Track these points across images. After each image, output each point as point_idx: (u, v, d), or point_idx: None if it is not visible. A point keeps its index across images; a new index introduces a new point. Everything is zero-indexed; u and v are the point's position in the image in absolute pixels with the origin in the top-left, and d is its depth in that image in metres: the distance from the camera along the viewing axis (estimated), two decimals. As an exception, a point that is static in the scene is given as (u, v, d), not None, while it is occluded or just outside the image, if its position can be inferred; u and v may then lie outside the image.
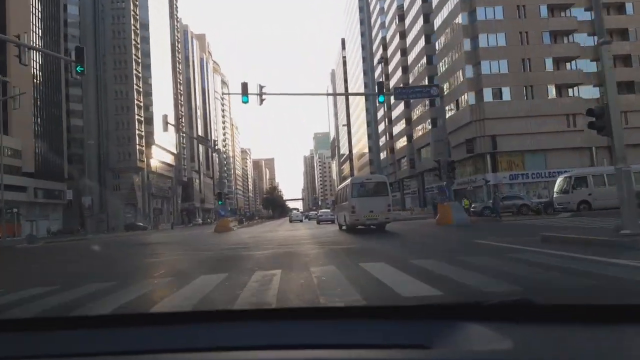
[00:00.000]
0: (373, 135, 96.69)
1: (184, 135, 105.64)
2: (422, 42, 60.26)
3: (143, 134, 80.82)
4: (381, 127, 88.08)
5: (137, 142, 78.48)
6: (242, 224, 41.14)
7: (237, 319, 1.28)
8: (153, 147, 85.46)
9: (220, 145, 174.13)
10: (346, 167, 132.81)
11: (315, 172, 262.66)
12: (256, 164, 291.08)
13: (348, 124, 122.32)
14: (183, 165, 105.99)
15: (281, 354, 1.07)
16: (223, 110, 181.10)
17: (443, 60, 52.65)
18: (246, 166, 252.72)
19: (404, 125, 70.65)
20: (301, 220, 51.91)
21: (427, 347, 1.03)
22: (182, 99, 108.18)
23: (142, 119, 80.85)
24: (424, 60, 59.26)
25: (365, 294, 4.81)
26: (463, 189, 50.15)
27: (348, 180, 20.73)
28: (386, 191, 18.62)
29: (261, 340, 1.12)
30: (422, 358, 1.02)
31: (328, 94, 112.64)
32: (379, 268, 6.82)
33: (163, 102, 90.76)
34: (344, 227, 20.51)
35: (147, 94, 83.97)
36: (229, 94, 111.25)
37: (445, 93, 52.47)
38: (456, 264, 6.95)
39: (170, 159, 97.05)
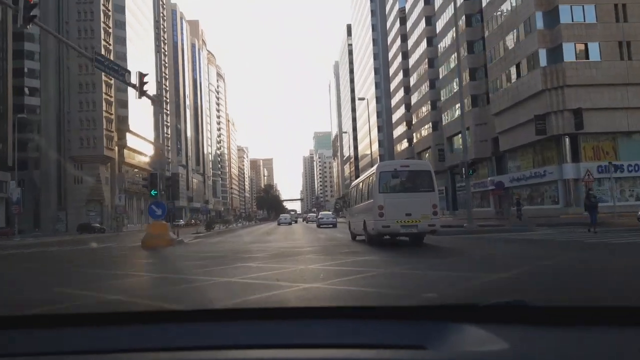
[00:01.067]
0: (385, 127, 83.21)
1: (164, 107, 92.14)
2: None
3: (113, 117, 67.17)
4: (396, 116, 74.62)
5: (105, 127, 64.82)
6: (211, 229, 27.40)
7: (236, 318, 1.26)
8: (128, 135, 71.94)
9: (214, 141, 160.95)
10: (349, 167, 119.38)
11: (315, 172, 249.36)
12: (254, 164, 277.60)
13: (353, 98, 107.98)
14: (167, 158, 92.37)
15: (279, 352, 1.07)
16: (218, 104, 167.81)
17: (493, 17, 39.25)
18: (243, 165, 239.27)
19: (427, 111, 57.23)
20: (290, 224, 47.28)
21: (424, 348, 1.03)
22: (167, 84, 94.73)
23: (112, 99, 67.25)
24: (462, 23, 45.77)
25: None
26: (523, 186, 36.62)
27: (373, 169, 14.17)
28: (430, 184, 12.55)
29: (259, 339, 1.12)
30: (418, 358, 1.02)
31: None
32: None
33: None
34: (360, 238, 14.87)
35: (121, 71, 70.64)
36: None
37: (496, 58, 39.13)
38: None
39: (151, 150, 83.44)
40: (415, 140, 61.79)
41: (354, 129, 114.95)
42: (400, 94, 69.74)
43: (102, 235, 44.73)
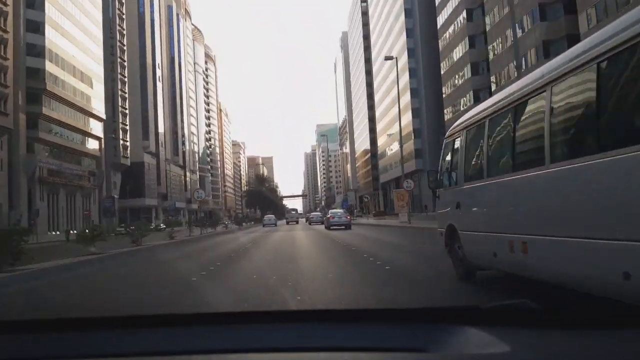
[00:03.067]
0: (422, 89, 58.73)
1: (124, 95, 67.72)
2: None
3: (9, 65, 42.55)
4: (446, 64, 49.82)
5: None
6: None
7: (235, 321, 1.25)
8: (49, 100, 47.69)
9: (202, 131, 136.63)
10: (362, 158, 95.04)
11: (318, 168, 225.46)
12: (252, 161, 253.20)
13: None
14: (123, 140, 67.89)
15: (278, 356, 1.06)
16: (207, 89, 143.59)
17: None
18: (239, 161, 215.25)
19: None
20: (275, 224, 41.83)
21: (425, 351, 1.01)
22: (124, 41, 70.20)
23: (9, 36, 42.72)
24: None
25: None
26: None
27: None
28: None
29: (260, 343, 1.10)
30: None
31: None
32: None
33: (73, 32, 52.82)
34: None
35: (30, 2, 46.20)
36: None
37: None
38: None
39: (96, 129, 59.20)
40: (496, 86, 37.03)
41: (370, 108, 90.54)
42: (459, 23, 44.95)
43: None
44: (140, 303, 5.60)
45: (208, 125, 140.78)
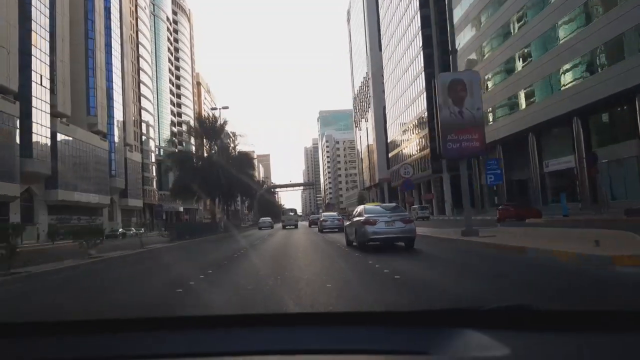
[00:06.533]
0: None
1: None
2: None
3: None
4: None
5: None
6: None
7: (238, 324, 1.22)
8: None
9: (164, 102, 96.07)
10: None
11: (321, 161, 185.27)
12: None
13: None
14: None
15: (281, 359, 1.05)
16: (176, 49, 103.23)
17: None
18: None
19: None
20: (271, 227, 35.85)
21: (426, 353, 1.00)
22: None
23: None
24: None
25: None
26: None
27: None
28: None
29: (262, 345, 1.09)
30: None
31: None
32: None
33: None
34: None
35: None
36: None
37: None
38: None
39: None
40: None
41: (427, 44, 50.58)
42: None
43: None
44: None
45: (176, 95, 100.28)
